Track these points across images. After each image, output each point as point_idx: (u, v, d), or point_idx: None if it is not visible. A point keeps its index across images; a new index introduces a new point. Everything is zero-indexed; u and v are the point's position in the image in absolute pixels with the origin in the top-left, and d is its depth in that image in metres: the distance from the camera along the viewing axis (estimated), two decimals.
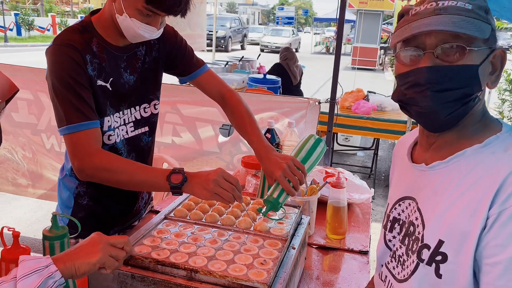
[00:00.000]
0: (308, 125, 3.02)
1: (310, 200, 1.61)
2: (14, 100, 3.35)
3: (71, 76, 1.30)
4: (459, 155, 0.88)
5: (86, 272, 0.92)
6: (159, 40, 1.54)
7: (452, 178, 0.87)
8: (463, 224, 0.82)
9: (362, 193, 1.97)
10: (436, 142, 0.94)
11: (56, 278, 0.86)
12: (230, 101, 1.63)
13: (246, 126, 1.56)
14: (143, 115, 1.56)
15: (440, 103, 0.85)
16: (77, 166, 1.32)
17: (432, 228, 0.87)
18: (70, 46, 1.31)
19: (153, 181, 1.28)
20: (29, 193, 3.74)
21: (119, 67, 1.44)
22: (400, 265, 0.96)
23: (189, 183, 1.23)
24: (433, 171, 0.92)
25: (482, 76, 0.86)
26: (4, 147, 3.62)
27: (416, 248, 0.90)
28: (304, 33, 38.25)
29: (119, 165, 1.31)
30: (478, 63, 0.85)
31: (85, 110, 1.32)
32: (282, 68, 6.03)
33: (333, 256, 1.56)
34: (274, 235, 1.23)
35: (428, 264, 0.87)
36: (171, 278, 1.03)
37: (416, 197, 0.95)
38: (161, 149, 3.32)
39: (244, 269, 1.04)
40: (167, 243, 1.15)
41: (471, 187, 0.83)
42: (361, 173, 5.44)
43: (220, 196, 1.22)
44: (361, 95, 5.06)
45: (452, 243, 0.83)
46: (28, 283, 0.81)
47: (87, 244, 0.95)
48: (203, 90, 1.68)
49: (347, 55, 18.12)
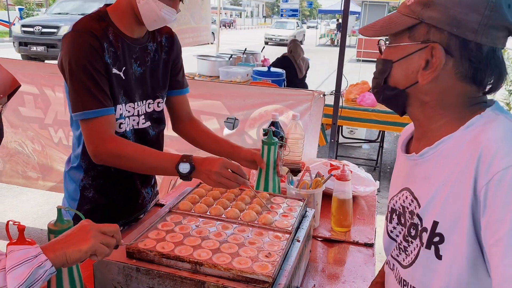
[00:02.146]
0: (313, 117, 3.01)
1: (315, 193, 1.60)
2: (21, 95, 3.43)
3: (89, 62, 1.33)
4: (446, 139, 0.88)
5: (77, 259, 0.92)
6: (170, 46, 1.61)
7: (441, 163, 0.88)
8: (453, 203, 0.82)
9: (367, 186, 1.96)
10: (427, 133, 0.95)
11: (47, 267, 0.85)
12: (197, 122, 1.77)
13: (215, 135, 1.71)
14: (147, 110, 1.59)
15: (373, 87, 1.00)
16: (91, 151, 1.38)
17: (427, 211, 0.88)
18: (89, 33, 1.35)
19: (163, 168, 1.37)
20: (39, 186, 3.77)
21: (131, 58, 1.48)
22: (403, 252, 0.96)
23: (196, 172, 1.32)
24: (423, 158, 0.93)
25: (403, 71, 0.90)
26: (15, 140, 3.66)
27: (414, 233, 0.91)
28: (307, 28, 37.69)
29: (131, 151, 1.37)
30: (395, 58, 0.91)
31: (101, 97, 1.35)
32: (288, 61, 5.99)
33: (338, 248, 1.56)
34: (279, 228, 1.23)
35: (427, 247, 0.87)
36: (176, 271, 1.03)
37: (411, 187, 0.96)
38: (167, 142, 3.31)
39: (249, 262, 1.04)
40: (171, 236, 1.15)
41: (456, 166, 0.83)
42: (367, 166, 5.42)
43: (224, 185, 1.31)
44: (366, 87, 5.03)
45: (446, 222, 0.84)
46: (18, 274, 0.81)
47: (78, 231, 0.94)
48: (173, 108, 1.73)
49: (352, 47, 18.01)
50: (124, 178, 1.55)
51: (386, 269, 1.09)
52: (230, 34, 31.92)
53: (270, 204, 1.38)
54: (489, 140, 0.79)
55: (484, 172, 0.77)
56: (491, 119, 0.84)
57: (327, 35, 28.61)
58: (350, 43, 20.07)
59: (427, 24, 0.85)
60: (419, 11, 0.85)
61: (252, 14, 62.61)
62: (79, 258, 0.92)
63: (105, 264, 1.06)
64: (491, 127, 0.82)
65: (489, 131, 0.81)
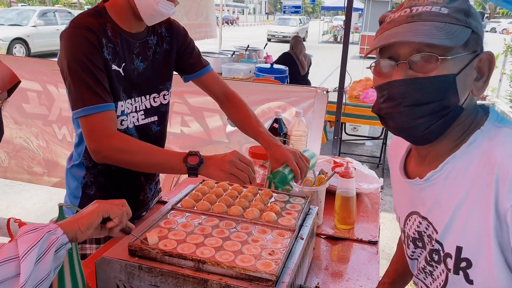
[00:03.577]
0: (316, 114, 3.00)
1: (319, 190, 1.59)
2: (24, 92, 3.43)
3: (87, 57, 1.31)
4: (450, 159, 0.85)
5: (90, 224, 0.93)
6: (171, 34, 1.58)
7: (450, 185, 0.85)
8: (474, 226, 0.80)
9: (371, 183, 1.95)
10: (429, 155, 0.90)
11: (58, 234, 0.85)
12: (234, 100, 1.72)
13: (251, 120, 1.64)
14: (152, 105, 1.56)
15: (415, 118, 0.82)
16: (93, 148, 1.33)
17: (447, 236, 0.85)
18: (87, 29, 1.33)
19: (169, 163, 1.31)
20: (44, 182, 3.79)
21: (131, 53, 1.45)
22: (429, 275, 0.94)
23: (205, 165, 1.27)
24: (429, 183, 0.89)
25: (463, 85, 0.81)
26: (20, 136, 3.68)
27: (437, 258, 0.88)
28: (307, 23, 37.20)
29: (136, 147, 1.34)
30: (456, 71, 0.80)
31: (101, 92, 1.33)
32: (290, 58, 5.97)
33: (342, 246, 1.55)
34: (282, 226, 1.22)
35: (455, 273, 0.84)
36: (178, 269, 1.02)
37: (421, 211, 0.93)
38: (170, 139, 3.33)
39: (252, 260, 1.03)
40: (174, 234, 1.14)
41: (470, 187, 0.80)
42: (370, 163, 5.41)
43: (236, 177, 1.25)
44: (369, 84, 5.00)
45: (470, 247, 0.81)
46: (28, 238, 0.80)
47: (86, 208, 0.99)
48: (205, 88, 1.73)
49: (355, 44, 17.93)
50: (126, 175, 1.54)
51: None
52: (233, 31, 31.87)
53: (273, 201, 1.37)
54: (503, 158, 0.76)
55: (505, 194, 0.74)
56: (495, 133, 0.82)
57: (330, 32, 28.52)
58: (353, 40, 20.00)
59: (474, 33, 0.81)
60: (465, 19, 0.80)
61: (255, 10, 62.52)
62: (91, 222, 0.93)
63: (107, 262, 1.05)
64: (499, 143, 0.79)
65: (498, 148, 0.78)
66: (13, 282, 0.76)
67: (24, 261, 0.77)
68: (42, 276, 0.81)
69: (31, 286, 0.78)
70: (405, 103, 0.81)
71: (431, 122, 0.82)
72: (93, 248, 1.53)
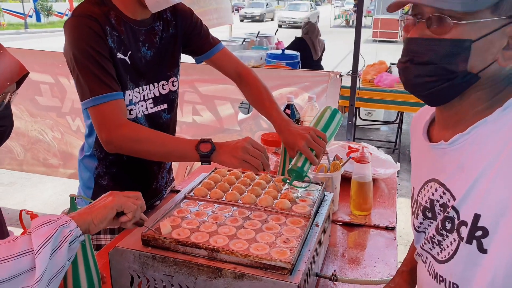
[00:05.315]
0: (329, 99, 2.95)
1: (333, 176, 1.56)
2: (37, 84, 3.45)
3: (92, 46, 1.29)
4: (480, 123, 0.80)
5: (103, 218, 0.92)
6: (175, 17, 1.54)
7: (477, 149, 0.80)
8: (498, 194, 0.75)
9: (388, 168, 1.91)
10: (452, 118, 0.86)
11: (72, 227, 0.85)
12: (247, 78, 1.64)
13: (264, 101, 1.57)
14: (161, 92, 1.54)
15: (419, 76, 0.82)
16: (105, 138, 1.32)
17: (465, 203, 0.81)
18: (89, 17, 1.30)
19: (182, 150, 1.29)
20: (59, 173, 3.82)
21: (137, 41, 1.42)
22: (436, 245, 0.90)
23: (218, 152, 1.25)
24: (454, 146, 0.85)
25: (483, 52, 0.77)
26: (35, 129, 3.71)
27: (450, 227, 0.84)
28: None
29: (147, 136, 1.31)
30: (475, 37, 0.76)
31: (108, 81, 1.31)
32: (303, 43, 5.88)
33: (358, 232, 1.52)
34: (297, 213, 1.19)
35: (468, 242, 0.80)
36: (192, 258, 1.00)
37: (440, 178, 0.88)
38: (183, 129, 3.33)
39: (266, 248, 1.01)
40: (187, 223, 1.13)
41: (500, 153, 0.76)
42: (385, 148, 5.33)
43: (249, 163, 1.23)
44: (383, 67, 4.91)
45: (489, 215, 0.77)
46: (42, 232, 0.79)
47: (100, 199, 0.98)
48: (218, 68, 1.67)
49: (367, 28, 17.62)
50: (139, 164, 1.52)
51: (418, 261, 1.03)
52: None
53: (287, 189, 1.34)
54: None
55: None
56: None
57: (341, 16, 28.06)
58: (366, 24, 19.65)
59: None
60: None
61: None
62: (105, 216, 0.92)
63: (121, 253, 1.05)
64: None
65: None
66: (28, 276, 0.76)
67: (39, 256, 0.76)
68: (58, 269, 0.81)
69: (47, 280, 0.78)
70: (413, 60, 0.82)
71: (436, 84, 0.81)
72: (108, 238, 1.53)
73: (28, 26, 19.94)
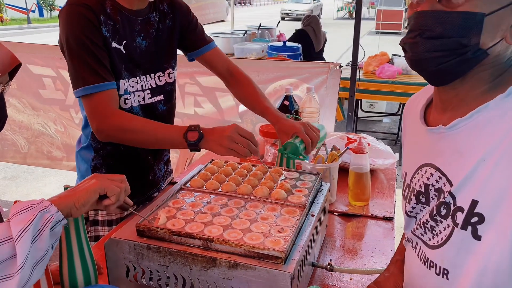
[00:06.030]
0: (329, 90, 2.93)
1: (331, 167, 1.55)
2: (39, 78, 3.45)
3: (86, 35, 1.29)
4: (482, 108, 0.79)
5: (85, 201, 0.90)
6: (173, 11, 1.55)
7: (477, 135, 0.79)
8: (497, 180, 0.74)
9: (386, 159, 1.90)
10: (452, 100, 0.85)
11: (52, 211, 0.83)
12: (239, 76, 1.68)
13: (258, 96, 1.61)
14: (158, 83, 1.54)
15: (429, 50, 0.79)
16: (96, 127, 1.34)
17: (462, 189, 0.80)
18: (84, 6, 1.30)
19: (171, 138, 1.31)
20: (63, 166, 3.84)
21: (133, 31, 1.43)
22: (429, 231, 0.89)
23: (205, 140, 1.26)
24: (453, 131, 0.83)
25: (493, 27, 0.75)
26: (38, 122, 3.73)
27: (445, 212, 0.84)
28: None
29: (137, 124, 1.33)
30: (488, 11, 0.74)
31: (101, 71, 1.31)
32: (305, 34, 5.84)
33: (356, 223, 1.52)
34: (292, 203, 1.19)
35: (463, 228, 0.79)
36: (186, 248, 1.01)
37: (436, 162, 0.87)
38: (185, 120, 3.33)
39: (260, 238, 1.01)
40: (182, 213, 1.13)
41: (502, 139, 0.75)
42: (387, 140, 5.32)
43: (236, 152, 1.24)
44: (385, 58, 4.88)
45: (487, 202, 0.76)
46: (20, 219, 0.78)
47: (83, 182, 0.96)
48: (210, 66, 1.70)
49: (370, 19, 17.50)
50: (135, 156, 1.53)
51: (406, 246, 1.03)
52: (246, 11, 31.48)
53: (283, 179, 1.34)
54: None
55: None
56: None
57: (345, 8, 27.85)
58: (369, 15, 19.51)
59: None
60: None
61: None
62: (87, 199, 0.91)
63: (116, 243, 1.05)
64: None
65: None
66: (10, 263, 0.75)
67: (20, 243, 0.75)
68: (40, 254, 0.80)
69: (30, 266, 0.77)
70: (423, 34, 0.79)
71: (446, 59, 0.78)
72: (106, 230, 1.54)
73: (31, 21, 19.94)
